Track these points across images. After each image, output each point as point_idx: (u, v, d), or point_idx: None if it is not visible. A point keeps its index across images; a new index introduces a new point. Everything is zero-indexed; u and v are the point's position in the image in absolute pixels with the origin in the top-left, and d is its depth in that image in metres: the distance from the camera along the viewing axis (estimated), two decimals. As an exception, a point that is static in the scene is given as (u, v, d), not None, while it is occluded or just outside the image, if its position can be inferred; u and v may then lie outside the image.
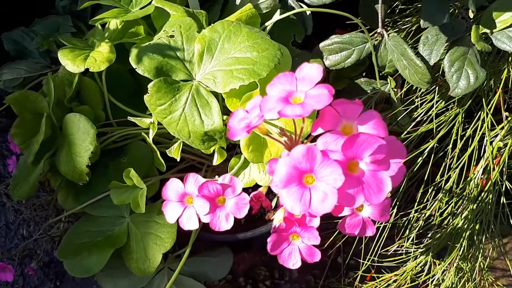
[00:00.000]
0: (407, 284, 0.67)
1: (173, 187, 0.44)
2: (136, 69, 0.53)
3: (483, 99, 0.67)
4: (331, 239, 0.72)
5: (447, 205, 0.67)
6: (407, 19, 0.76)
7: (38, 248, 0.87)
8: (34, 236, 0.90)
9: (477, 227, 0.64)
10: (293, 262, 0.39)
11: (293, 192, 0.31)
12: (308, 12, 0.70)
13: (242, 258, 0.86)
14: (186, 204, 0.44)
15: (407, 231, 0.69)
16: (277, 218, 0.36)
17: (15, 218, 0.90)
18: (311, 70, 0.33)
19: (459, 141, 0.68)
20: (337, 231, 0.70)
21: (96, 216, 0.65)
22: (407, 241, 0.68)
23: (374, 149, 0.30)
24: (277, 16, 0.64)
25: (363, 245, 0.74)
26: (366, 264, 0.72)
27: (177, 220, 0.44)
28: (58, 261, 0.86)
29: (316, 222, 0.37)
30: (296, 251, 0.39)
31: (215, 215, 0.41)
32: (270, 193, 0.72)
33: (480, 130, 0.68)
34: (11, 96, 0.60)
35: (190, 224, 0.43)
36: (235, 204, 0.42)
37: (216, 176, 0.45)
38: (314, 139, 0.34)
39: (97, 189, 0.64)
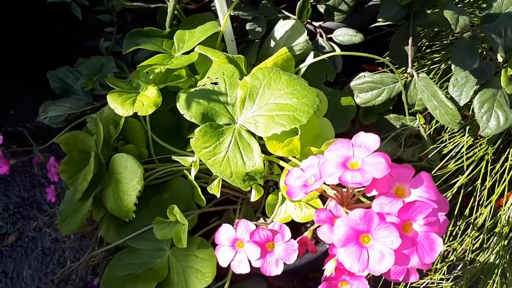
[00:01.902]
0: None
1: (225, 232, 0.46)
2: (183, 115, 0.56)
3: (512, 136, 0.69)
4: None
5: (477, 240, 0.69)
6: (433, 56, 0.78)
7: (73, 273, 0.90)
8: (70, 262, 0.93)
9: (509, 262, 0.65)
10: (342, 308, 0.41)
11: (352, 251, 0.33)
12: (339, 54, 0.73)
13: (271, 285, 0.88)
14: (237, 249, 0.46)
15: (438, 263, 0.70)
16: (329, 269, 0.39)
17: (51, 245, 0.93)
18: (367, 139, 0.36)
19: (488, 175, 0.69)
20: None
21: (137, 249, 0.68)
22: (438, 274, 0.69)
23: (428, 213, 0.33)
24: (310, 59, 0.67)
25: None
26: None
27: (229, 264, 0.46)
28: (92, 287, 0.89)
29: (365, 272, 0.39)
30: (346, 299, 0.41)
31: (266, 260, 0.44)
32: (302, 226, 0.74)
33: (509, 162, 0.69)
34: (62, 137, 0.63)
35: (242, 268, 0.45)
36: (285, 250, 0.44)
37: (261, 219, 0.48)
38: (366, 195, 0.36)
39: (139, 223, 0.67)
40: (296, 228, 0.69)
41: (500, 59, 0.62)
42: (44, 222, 0.90)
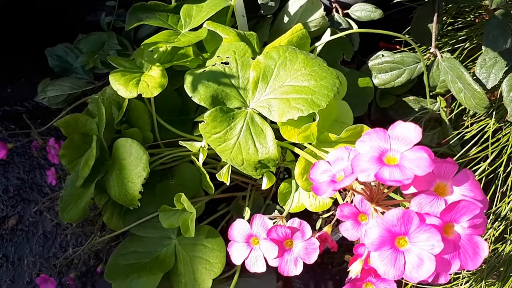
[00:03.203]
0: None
1: (239, 228, 0.43)
2: (192, 98, 0.52)
3: (539, 121, 0.65)
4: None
5: (497, 230, 0.65)
6: (456, 35, 0.73)
7: (76, 258, 0.88)
8: (72, 246, 0.90)
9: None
10: (366, 311, 0.38)
11: (386, 256, 0.30)
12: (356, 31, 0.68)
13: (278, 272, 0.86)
14: (252, 246, 0.43)
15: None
16: (355, 270, 0.35)
17: (53, 228, 0.91)
18: (407, 129, 0.32)
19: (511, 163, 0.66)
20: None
21: (142, 237, 0.65)
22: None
23: (474, 215, 0.29)
24: (327, 37, 0.62)
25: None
26: (409, 284, 0.71)
27: (243, 262, 0.43)
28: (95, 271, 0.87)
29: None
30: (370, 300, 0.38)
31: (283, 259, 0.41)
32: (314, 214, 0.71)
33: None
34: (62, 120, 0.59)
35: (257, 266, 0.42)
36: (304, 249, 0.41)
37: (277, 212, 0.44)
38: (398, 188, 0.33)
39: (143, 210, 0.64)
40: (307, 216, 0.66)
41: (533, 39, 0.57)
42: (46, 206, 0.87)
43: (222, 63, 0.54)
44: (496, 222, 0.63)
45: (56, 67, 0.72)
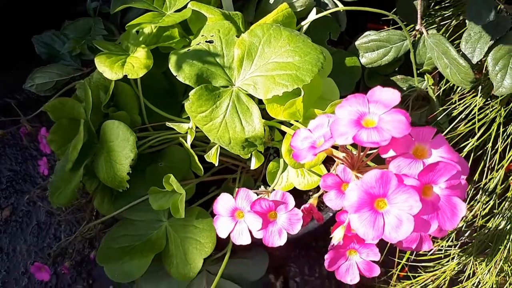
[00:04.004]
0: (446, 284, 0.66)
1: (224, 202, 0.43)
2: (176, 76, 0.52)
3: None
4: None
5: (487, 205, 0.66)
6: (443, 13, 0.73)
7: (70, 247, 0.88)
8: (65, 235, 0.91)
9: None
10: (351, 277, 0.39)
11: (366, 217, 0.30)
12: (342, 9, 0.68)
13: (272, 255, 0.86)
14: (237, 219, 0.43)
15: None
16: (337, 237, 0.36)
17: (46, 219, 0.91)
18: (385, 93, 0.32)
19: (500, 139, 0.66)
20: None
21: (133, 220, 0.65)
22: (445, 241, 0.67)
23: (451, 175, 0.29)
24: (313, 16, 0.62)
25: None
26: (402, 262, 0.72)
27: (229, 235, 0.43)
28: (90, 260, 0.87)
29: (376, 240, 0.36)
30: (354, 267, 0.38)
31: (268, 231, 0.41)
32: (304, 194, 0.71)
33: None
34: (49, 104, 0.59)
35: (242, 239, 0.42)
36: (288, 220, 0.41)
37: (262, 187, 0.45)
38: (378, 157, 0.33)
39: (133, 193, 0.64)
40: (298, 196, 0.67)
41: (517, 12, 0.58)
42: (38, 195, 0.87)
43: (206, 41, 0.54)
44: (484, 197, 0.64)
45: (44, 54, 0.72)
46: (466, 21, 0.57)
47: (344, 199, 0.38)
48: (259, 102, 0.56)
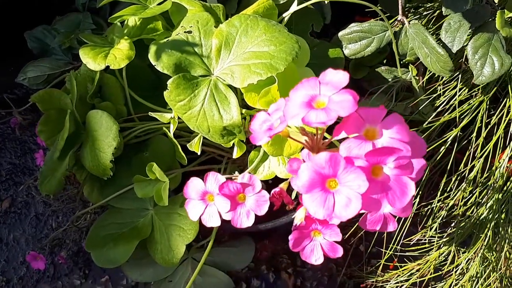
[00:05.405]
0: (431, 273, 0.67)
1: (194, 186, 0.45)
2: (155, 66, 0.54)
3: (509, 85, 0.65)
4: (353, 227, 0.72)
5: (471, 195, 0.66)
6: (426, 5, 0.73)
7: (67, 238, 0.91)
8: (62, 226, 0.93)
9: (502, 216, 0.63)
10: (315, 258, 0.40)
11: (317, 197, 0.31)
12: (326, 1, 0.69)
13: (264, 246, 0.87)
14: (207, 202, 0.44)
15: (430, 220, 0.68)
16: (298, 217, 0.37)
17: (44, 210, 0.93)
18: (336, 75, 0.33)
19: (483, 129, 0.66)
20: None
21: (121, 209, 0.67)
22: (430, 230, 0.67)
23: (398, 156, 0.30)
24: (294, 7, 0.63)
25: (385, 234, 0.73)
26: (389, 253, 0.72)
27: (200, 217, 0.44)
28: (86, 251, 0.89)
29: (336, 220, 0.37)
30: (318, 248, 0.39)
31: (236, 212, 0.42)
32: (290, 186, 0.72)
33: (506, 117, 0.66)
34: (36, 95, 0.61)
35: (212, 221, 0.43)
36: (256, 201, 0.42)
37: (236, 172, 0.46)
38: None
39: (121, 183, 0.65)
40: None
41: (496, 0, 0.58)
42: (35, 186, 0.90)
43: (185, 32, 0.55)
44: (466, 186, 0.64)
45: (35, 48, 0.74)
46: (443, 9, 0.58)
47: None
48: (241, 93, 0.57)
